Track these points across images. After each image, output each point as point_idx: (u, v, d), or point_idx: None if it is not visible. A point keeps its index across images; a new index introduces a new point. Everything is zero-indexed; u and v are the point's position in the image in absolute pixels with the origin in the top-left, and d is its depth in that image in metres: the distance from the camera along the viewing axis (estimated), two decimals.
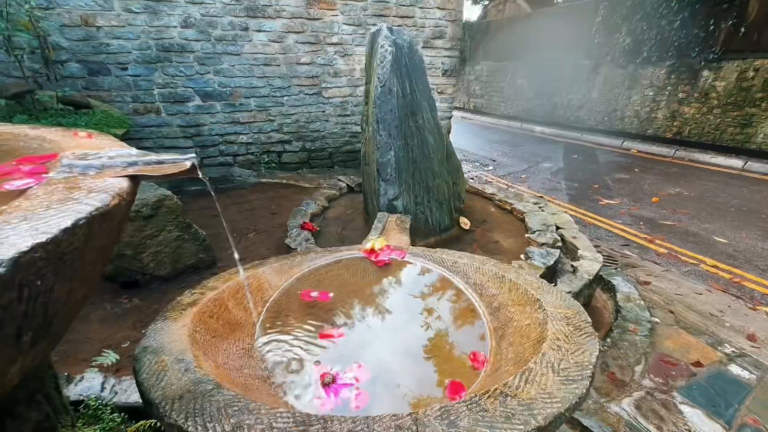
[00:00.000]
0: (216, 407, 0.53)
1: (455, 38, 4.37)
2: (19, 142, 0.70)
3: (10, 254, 0.32)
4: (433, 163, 2.36)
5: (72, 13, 3.03)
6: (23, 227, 0.36)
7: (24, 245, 0.33)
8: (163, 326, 0.77)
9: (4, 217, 0.37)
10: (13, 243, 0.33)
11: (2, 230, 0.35)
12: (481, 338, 0.98)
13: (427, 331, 1.05)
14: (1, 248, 0.32)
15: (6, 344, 0.36)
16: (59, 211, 0.39)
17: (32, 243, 0.34)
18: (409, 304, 1.15)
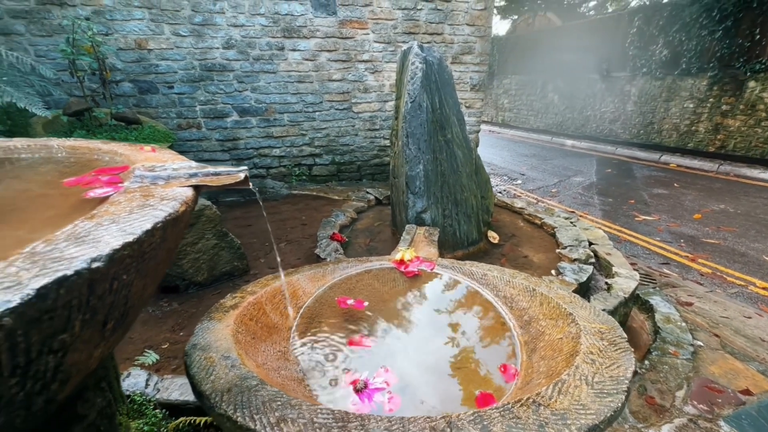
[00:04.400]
0: (261, 401, 0.57)
1: (484, 53, 4.41)
2: (94, 155, 0.79)
3: (106, 251, 0.37)
4: (462, 176, 2.37)
5: (128, 38, 3.31)
6: (113, 229, 0.41)
7: (116, 243, 0.39)
8: (209, 326, 0.83)
9: (97, 220, 0.43)
10: (108, 242, 0.39)
11: (97, 231, 0.41)
12: (511, 351, 0.98)
13: (457, 342, 1.05)
14: (98, 245, 0.38)
15: (95, 330, 0.41)
16: (140, 216, 0.45)
17: (122, 242, 0.39)
18: (438, 315, 1.16)
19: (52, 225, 0.58)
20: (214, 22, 3.47)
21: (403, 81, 2.22)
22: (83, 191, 0.60)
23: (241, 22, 3.55)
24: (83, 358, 0.42)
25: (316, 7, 3.72)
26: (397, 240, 2.72)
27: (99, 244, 0.38)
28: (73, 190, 0.64)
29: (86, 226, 0.42)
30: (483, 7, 4.18)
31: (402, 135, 2.18)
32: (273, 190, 3.91)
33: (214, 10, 3.44)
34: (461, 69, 4.26)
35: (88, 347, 0.42)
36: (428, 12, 4.05)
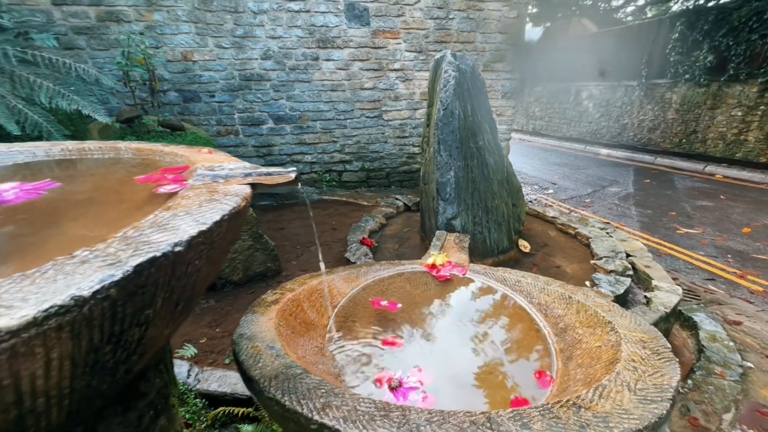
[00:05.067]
0: (306, 388, 0.60)
1: (516, 61, 4.37)
2: (156, 156, 0.86)
3: (185, 237, 0.42)
4: (493, 184, 2.36)
5: (175, 50, 3.53)
6: (188, 219, 0.46)
7: (193, 231, 0.43)
8: (253, 318, 0.87)
9: (173, 212, 0.48)
10: (185, 230, 0.43)
11: (174, 220, 0.46)
12: (546, 358, 0.97)
13: (489, 347, 1.05)
14: (177, 232, 0.43)
15: (170, 309, 0.46)
16: (208, 209, 0.50)
17: (197, 230, 0.44)
18: (470, 320, 1.16)
19: (127, 216, 0.64)
20: (254, 34, 3.65)
21: (436, 89, 2.25)
22: (153, 187, 0.66)
23: (279, 34, 3.71)
24: (157, 335, 0.47)
25: (350, 19, 3.83)
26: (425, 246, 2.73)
27: (178, 232, 0.43)
28: (143, 187, 0.70)
29: (165, 216, 0.47)
30: (516, 15, 4.16)
31: (433, 142, 2.20)
32: (304, 195, 4.02)
33: (255, 23, 3.62)
34: (493, 77, 4.24)
35: (162, 325, 0.47)
36: (460, 21, 4.07)
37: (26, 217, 0.64)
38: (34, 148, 0.89)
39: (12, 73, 1.59)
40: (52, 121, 1.53)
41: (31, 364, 0.30)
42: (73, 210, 0.68)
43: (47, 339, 0.30)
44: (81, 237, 0.59)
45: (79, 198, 0.72)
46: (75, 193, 0.74)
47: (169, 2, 3.39)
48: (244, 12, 3.58)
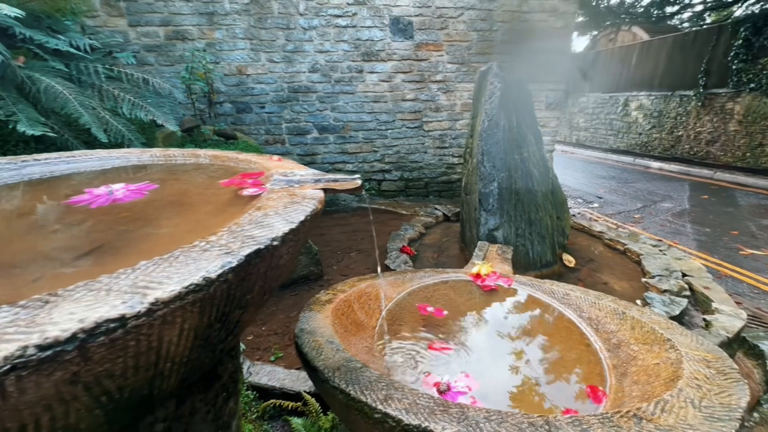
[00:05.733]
0: (367, 380, 0.64)
1: (561, 71, 4.28)
2: (232, 162, 0.95)
3: (280, 233, 0.48)
4: (537, 196, 2.32)
5: (231, 65, 3.80)
6: (278, 218, 0.52)
7: (285, 228, 0.49)
8: (311, 315, 0.93)
9: (264, 211, 0.55)
10: (279, 227, 0.49)
11: (266, 219, 0.52)
12: (598, 374, 0.95)
13: (537, 358, 1.05)
14: (273, 229, 0.49)
15: (260, 296, 0.52)
16: (293, 209, 0.56)
17: (289, 228, 0.50)
18: (516, 330, 1.16)
19: (213, 216, 0.72)
20: (303, 49, 3.85)
21: (480, 100, 2.27)
22: (236, 190, 0.74)
23: (327, 48, 3.88)
24: (247, 319, 0.53)
25: (395, 32, 3.94)
26: (464, 256, 2.72)
27: (273, 228, 0.49)
28: (225, 189, 0.79)
29: (258, 215, 0.54)
30: (563, 24, 4.09)
31: (477, 152, 2.21)
32: (344, 202, 4.13)
33: (304, 39, 3.82)
34: (536, 87, 4.17)
35: (252, 310, 0.53)
36: (504, 32, 4.07)
37: (128, 216, 0.74)
38: (128, 154, 1.02)
39: (100, 87, 1.80)
40: (132, 129, 1.71)
41: (171, 332, 0.37)
42: (165, 209, 0.77)
43: (184, 311, 0.36)
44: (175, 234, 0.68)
45: (169, 199, 0.82)
46: (165, 194, 0.83)
47: (228, 21, 3.67)
48: (295, 28, 3.79)
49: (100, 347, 0.31)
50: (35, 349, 0.27)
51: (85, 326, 0.29)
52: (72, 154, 0.98)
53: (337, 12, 3.81)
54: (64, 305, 0.32)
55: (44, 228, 0.70)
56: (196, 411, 0.66)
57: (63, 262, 0.58)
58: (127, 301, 0.32)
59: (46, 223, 0.71)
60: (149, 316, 0.33)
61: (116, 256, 0.59)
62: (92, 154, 1.00)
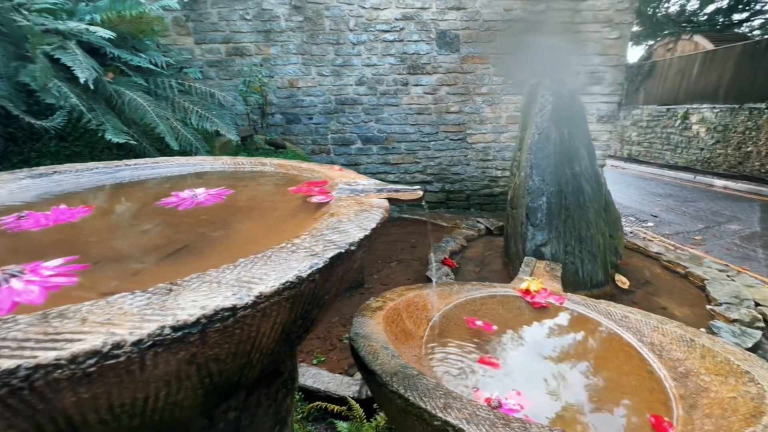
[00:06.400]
0: (425, 387, 0.65)
1: (615, 83, 4.11)
2: (295, 171, 1.01)
3: (357, 238, 0.51)
4: (589, 212, 2.23)
5: (284, 78, 4.01)
6: (352, 225, 0.56)
7: (360, 235, 0.52)
8: (364, 321, 0.96)
9: (337, 218, 0.58)
10: (354, 233, 0.52)
11: (341, 225, 0.56)
12: (662, 403, 0.89)
13: (592, 382, 1.00)
14: (348, 234, 0.52)
15: (333, 297, 0.55)
16: (363, 217, 0.59)
17: (363, 234, 0.53)
18: (569, 351, 1.12)
19: (282, 222, 0.77)
20: (351, 63, 3.99)
21: (531, 113, 2.23)
22: (304, 197, 0.79)
23: (374, 62, 4.00)
24: (320, 317, 0.56)
25: (441, 46, 3.98)
26: (508, 272, 2.65)
27: (349, 234, 0.52)
28: (291, 196, 0.84)
29: (333, 221, 0.57)
30: (618, 35, 3.94)
31: (525, 166, 2.17)
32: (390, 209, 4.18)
33: (353, 54, 3.96)
34: (588, 100, 4.03)
35: (325, 309, 0.56)
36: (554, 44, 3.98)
37: (207, 218, 0.81)
38: (202, 162, 1.11)
39: (173, 100, 1.97)
40: (199, 138, 1.86)
41: (266, 324, 0.40)
42: (238, 214, 0.83)
43: (279, 306, 0.40)
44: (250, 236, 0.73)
45: (241, 205, 0.88)
46: (237, 200, 0.90)
47: (283, 38, 3.89)
48: (345, 44, 3.94)
49: (215, 333, 0.35)
50: (170, 329, 0.32)
51: (206, 313, 0.34)
52: (156, 160, 1.08)
53: (385, 27, 3.92)
54: (185, 294, 0.36)
55: (137, 227, 0.78)
56: (260, 404, 0.71)
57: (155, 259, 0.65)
58: (237, 293, 0.36)
59: (138, 222, 0.80)
60: (254, 308, 0.37)
61: (200, 256, 0.65)
62: (172, 161, 1.10)
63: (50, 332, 0.30)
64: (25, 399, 0.28)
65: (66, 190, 0.91)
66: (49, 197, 0.87)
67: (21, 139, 1.56)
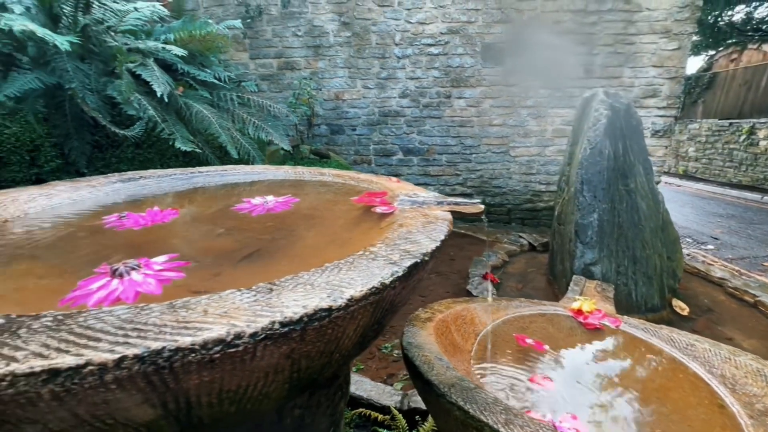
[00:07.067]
0: (484, 401, 0.65)
1: (673, 96, 3.90)
2: (353, 181, 1.06)
3: (429, 249, 0.53)
4: (644, 231, 2.11)
5: (330, 91, 4.17)
6: (422, 236, 0.58)
7: (432, 246, 0.54)
8: (414, 331, 0.97)
9: (407, 229, 0.61)
10: (426, 244, 0.55)
11: (412, 236, 0.58)
12: None
13: (654, 411, 0.94)
14: (420, 245, 0.54)
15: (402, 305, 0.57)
16: (431, 228, 0.61)
17: (435, 245, 0.54)
18: (627, 376, 1.06)
19: (348, 228, 0.81)
20: (395, 76, 4.07)
21: (582, 127, 2.17)
22: (367, 207, 0.82)
23: (418, 75, 4.06)
24: (387, 322, 0.58)
25: (486, 59, 3.97)
26: (552, 290, 2.56)
27: (421, 244, 0.54)
28: (352, 205, 0.88)
29: (403, 231, 0.60)
30: (676, 46, 3.74)
31: (576, 181, 2.10)
32: None
33: (397, 67, 4.05)
34: (642, 113, 3.83)
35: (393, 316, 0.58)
36: (605, 56, 3.85)
37: (273, 225, 0.86)
38: (265, 170, 1.19)
39: (233, 112, 2.12)
40: (255, 148, 1.98)
41: (351, 326, 0.43)
42: (302, 221, 0.88)
43: (364, 309, 0.43)
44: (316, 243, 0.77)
45: (304, 212, 0.93)
46: (300, 207, 0.95)
47: (331, 53, 4.05)
48: (390, 57, 4.03)
49: (312, 331, 0.38)
50: (279, 324, 0.35)
51: (307, 312, 0.37)
52: (225, 168, 1.17)
53: (430, 41, 3.98)
54: (285, 293, 0.40)
55: (213, 231, 0.85)
56: (320, 404, 0.74)
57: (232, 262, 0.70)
58: (331, 295, 0.39)
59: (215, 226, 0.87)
60: (345, 310, 0.40)
61: (270, 260, 0.69)
62: (239, 169, 1.18)
63: (181, 320, 0.34)
64: (164, 377, 0.32)
65: (150, 194, 1.01)
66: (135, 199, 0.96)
67: (104, 146, 1.73)
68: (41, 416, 0.31)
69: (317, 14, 3.99)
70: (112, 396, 0.31)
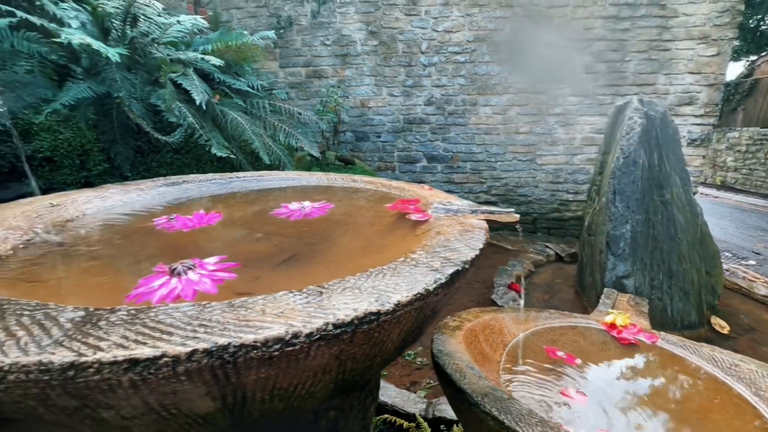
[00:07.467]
0: (518, 412, 0.65)
1: (710, 104, 3.74)
2: (385, 188, 1.07)
3: (469, 257, 0.53)
4: (681, 244, 2.03)
5: (356, 99, 4.23)
6: (461, 244, 0.58)
7: (471, 254, 0.55)
8: (444, 339, 0.97)
9: (445, 237, 0.61)
10: (465, 252, 0.55)
11: (450, 244, 0.59)
12: None
13: None
14: (460, 253, 0.55)
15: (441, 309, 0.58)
16: (469, 238, 0.62)
17: (474, 254, 0.55)
18: (665, 395, 1.02)
19: (382, 235, 0.83)
20: (421, 84, 4.10)
21: (615, 136, 2.11)
22: (400, 214, 0.83)
23: (443, 83, 4.07)
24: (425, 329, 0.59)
25: (513, 66, 3.93)
26: (581, 302, 2.48)
27: (461, 252, 0.55)
28: (385, 212, 0.89)
29: (441, 239, 0.60)
30: (715, 52, 3.60)
31: (608, 191, 2.05)
32: None
33: (423, 75, 4.07)
34: (678, 122, 3.69)
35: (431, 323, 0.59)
36: (638, 63, 3.74)
37: (308, 230, 0.88)
38: (299, 176, 1.22)
39: (265, 119, 2.19)
40: (286, 154, 2.04)
41: (395, 330, 0.44)
42: (337, 227, 0.90)
43: (408, 314, 0.44)
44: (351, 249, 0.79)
45: (339, 218, 0.95)
46: (335, 213, 0.98)
47: (358, 61, 4.12)
48: (416, 65, 4.06)
49: (361, 333, 0.39)
50: (332, 326, 0.37)
51: (358, 315, 0.38)
52: (260, 174, 1.21)
53: (456, 49, 3.99)
54: (334, 296, 0.41)
55: (251, 235, 0.88)
56: (353, 407, 0.75)
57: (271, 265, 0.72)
58: (378, 299, 0.41)
59: (252, 230, 0.90)
60: (392, 315, 0.41)
61: (308, 265, 0.71)
62: (274, 174, 1.22)
63: (242, 319, 0.36)
64: (227, 371, 0.34)
65: (191, 197, 1.06)
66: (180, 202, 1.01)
67: (146, 151, 1.83)
68: (117, 402, 0.33)
69: (345, 24, 4.08)
70: (180, 387, 0.33)
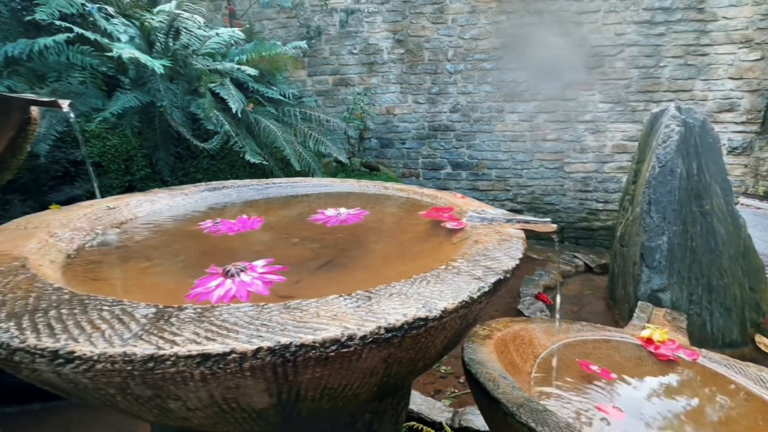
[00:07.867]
0: (555, 425, 0.64)
1: (753, 110, 3.56)
2: (417, 196, 1.09)
3: (509, 267, 0.54)
4: (722, 257, 1.94)
5: (382, 106, 4.28)
6: (500, 254, 0.59)
7: (511, 263, 0.55)
8: (474, 347, 0.97)
9: (483, 245, 0.62)
10: (505, 261, 0.56)
11: (489, 252, 0.59)
12: None
13: None
14: (500, 262, 0.55)
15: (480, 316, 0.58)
16: (507, 247, 0.62)
17: (513, 263, 0.56)
18: (707, 415, 0.98)
19: (417, 242, 0.84)
20: (447, 91, 4.11)
21: (650, 143, 2.05)
22: (434, 222, 0.85)
23: (469, 90, 4.06)
24: (465, 336, 0.60)
25: (541, 73, 3.88)
26: (612, 315, 2.40)
27: (501, 261, 0.55)
28: (418, 219, 0.91)
29: (479, 248, 0.61)
30: (758, 57, 3.44)
31: (642, 201, 1.98)
32: None
33: (449, 82, 4.08)
34: (717, 129, 3.52)
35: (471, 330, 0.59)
36: (674, 68, 3.62)
37: (342, 236, 0.90)
38: (332, 183, 1.26)
39: (296, 126, 2.25)
40: (316, 160, 2.09)
41: (439, 336, 0.45)
42: (371, 233, 0.92)
43: (452, 321, 0.45)
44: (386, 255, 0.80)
45: (372, 225, 0.97)
46: (368, 220, 1.00)
47: (384, 69, 4.18)
48: (442, 73, 4.08)
49: (409, 338, 0.41)
50: (384, 330, 0.38)
51: (407, 320, 0.40)
52: (295, 180, 1.25)
53: (483, 56, 3.98)
54: (382, 301, 0.43)
55: (289, 240, 0.91)
56: (386, 411, 0.76)
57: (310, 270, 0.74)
58: (426, 305, 0.42)
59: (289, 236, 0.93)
60: (438, 321, 0.42)
61: (345, 269, 0.73)
62: (307, 181, 1.26)
63: (299, 320, 0.38)
64: (286, 369, 0.36)
65: (231, 201, 1.11)
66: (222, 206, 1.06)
67: (184, 157, 1.92)
68: (185, 394, 0.36)
69: (372, 33, 4.15)
70: (243, 382, 0.36)
